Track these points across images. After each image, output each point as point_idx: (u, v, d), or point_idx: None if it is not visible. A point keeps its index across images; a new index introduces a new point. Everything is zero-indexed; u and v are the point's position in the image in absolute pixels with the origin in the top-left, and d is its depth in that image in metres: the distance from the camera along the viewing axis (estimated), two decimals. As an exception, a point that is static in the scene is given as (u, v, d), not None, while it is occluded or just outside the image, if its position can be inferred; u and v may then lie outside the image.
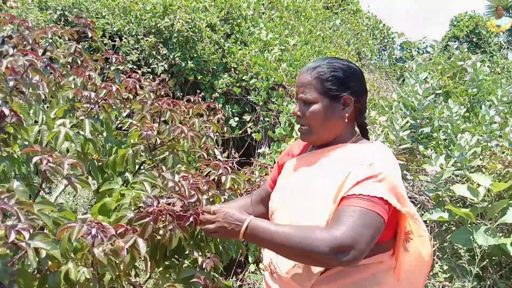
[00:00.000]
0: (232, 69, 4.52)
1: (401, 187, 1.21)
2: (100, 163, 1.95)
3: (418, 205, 3.40)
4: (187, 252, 1.67)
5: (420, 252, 1.36)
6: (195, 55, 4.33)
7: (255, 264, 3.36)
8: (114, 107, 1.99)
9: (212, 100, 3.52)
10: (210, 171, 1.91)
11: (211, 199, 1.68)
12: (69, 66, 2.17)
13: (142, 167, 2.00)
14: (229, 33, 4.86)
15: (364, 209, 1.13)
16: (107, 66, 3.89)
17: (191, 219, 1.32)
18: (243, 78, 4.44)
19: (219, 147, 4.00)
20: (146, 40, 4.26)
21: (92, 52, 3.49)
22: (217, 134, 2.55)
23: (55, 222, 1.30)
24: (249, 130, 4.40)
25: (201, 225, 1.31)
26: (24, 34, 1.89)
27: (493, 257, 2.95)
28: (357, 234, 1.09)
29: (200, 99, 2.71)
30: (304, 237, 1.11)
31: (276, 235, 1.15)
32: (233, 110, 4.48)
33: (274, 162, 3.75)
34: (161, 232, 1.38)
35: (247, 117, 4.45)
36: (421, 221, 1.27)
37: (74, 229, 1.19)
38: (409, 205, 1.22)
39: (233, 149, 4.25)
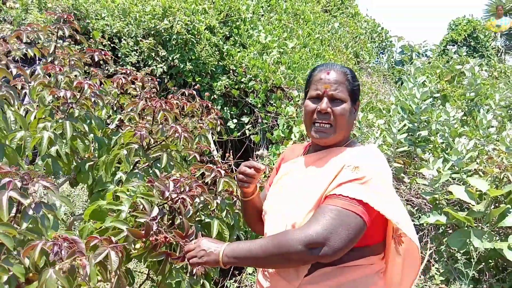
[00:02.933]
0: (231, 71, 4.53)
1: (386, 191, 1.22)
2: (92, 163, 1.93)
3: (416, 208, 3.41)
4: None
5: (409, 255, 1.37)
6: (193, 57, 4.34)
7: (252, 266, 3.36)
8: (101, 104, 1.96)
9: (211, 103, 3.53)
10: (203, 173, 1.90)
11: (201, 205, 1.69)
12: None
13: (136, 167, 2.00)
14: (228, 35, 4.87)
15: (342, 208, 1.17)
16: (106, 68, 3.90)
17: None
18: (242, 80, 4.45)
19: (216, 146, 4.02)
20: (145, 42, 4.27)
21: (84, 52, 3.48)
22: (212, 129, 2.54)
23: (25, 238, 1.25)
24: (247, 132, 4.40)
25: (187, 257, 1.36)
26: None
27: (489, 260, 2.96)
28: (329, 232, 1.14)
29: (194, 92, 2.69)
30: (279, 241, 1.18)
31: (255, 249, 1.21)
32: (232, 112, 4.49)
33: (272, 164, 3.76)
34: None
35: (245, 119, 4.45)
36: (409, 229, 1.25)
37: (36, 248, 1.14)
38: (394, 210, 1.22)
39: (231, 150, 4.26)
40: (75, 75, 2.01)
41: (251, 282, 3.33)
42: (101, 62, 2.59)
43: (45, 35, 2.08)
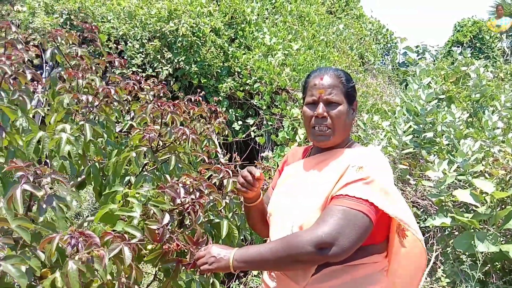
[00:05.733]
0: (236, 73, 4.55)
1: (390, 191, 1.26)
2: (101, 166, 1.96)
3: (421, 210, 3.40)
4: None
5: (414, 253, 1.39)
6: (199, 59, 4.36)
7: (257, 268, 3.36)
8: (113, 109, 2.01)
9: (216, 104, 3.54)
10: (211, 174, 1.93)
11: (211, 204, 1.70)
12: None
13: (145, 169, 2.02)
14: (233, 37, 4.89)
15: (349, 208, 1.20)
16: (112, 70, 3.93)
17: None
18: (247, 82, 4.47)
19: (222, 150, 4.03)
20: (151, 44, 4.29)
21: (97, 56, 3.53)
22: (218, 134, 2.57)
23: (39, 233, 1.27)
24: (252, 134, 4.41)
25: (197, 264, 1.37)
26: (14, 39, 1.93)
27: (496, 263, 2.95)
28: (337, 232, 1.17)
29: (200, 98, 2.72)
30: (289, 244, 1.20)
31: (264, 252, 1.23)
32: (237, 114, 4.51)
33: (277, 166, 3.77)
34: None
35: (250, 121, 4.47)
36: (413, 225, 1.29)
37: (54, 240, 1.16)
38: (399, 209, 1.26)
39: (236, 152, 4.27)
40: (92, 80, 2.08)
41: (256, 284, 3.33)
42: (108, 65, 2.63)
43: (67, 42, 2.16)
